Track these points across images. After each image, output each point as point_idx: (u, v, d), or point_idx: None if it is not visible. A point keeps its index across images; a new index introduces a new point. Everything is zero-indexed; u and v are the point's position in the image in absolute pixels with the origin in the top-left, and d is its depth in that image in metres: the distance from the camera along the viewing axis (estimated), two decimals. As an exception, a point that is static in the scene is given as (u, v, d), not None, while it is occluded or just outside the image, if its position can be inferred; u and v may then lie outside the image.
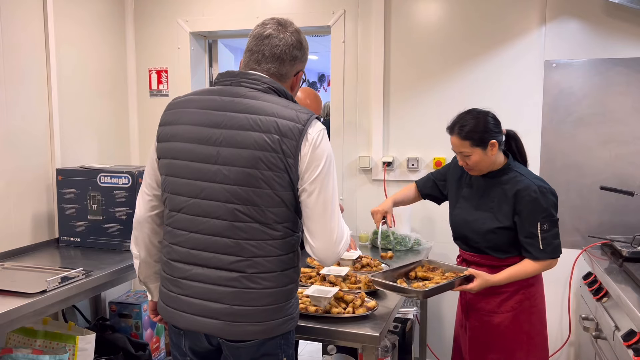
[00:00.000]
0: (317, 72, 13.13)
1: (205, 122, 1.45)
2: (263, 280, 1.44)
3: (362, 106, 3.22)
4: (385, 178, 3.17)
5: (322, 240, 1.45)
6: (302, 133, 1.40)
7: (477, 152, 2.01)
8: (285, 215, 1.45)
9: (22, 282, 2.10)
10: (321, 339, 1.77)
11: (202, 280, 1.46)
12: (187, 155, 1.47)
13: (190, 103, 1.52)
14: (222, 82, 1.52)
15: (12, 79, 2.59)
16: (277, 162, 1.39)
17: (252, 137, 1.40)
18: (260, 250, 1.43)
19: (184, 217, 1.48)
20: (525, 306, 2.09)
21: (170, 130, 1.51)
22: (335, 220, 1.45)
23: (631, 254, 2.36)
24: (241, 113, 1.43)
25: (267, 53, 1.50)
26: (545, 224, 1.97)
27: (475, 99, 2.96)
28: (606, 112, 2.80)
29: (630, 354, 1.77)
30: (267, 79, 1.49)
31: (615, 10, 2.75)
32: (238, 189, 1.41)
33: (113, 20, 3.35)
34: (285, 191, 1.42)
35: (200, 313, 1.46)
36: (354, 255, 2.40)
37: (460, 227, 2.17)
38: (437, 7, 3.04)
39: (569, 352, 2.99)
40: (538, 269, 2.00)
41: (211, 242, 1.44)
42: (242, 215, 1.41)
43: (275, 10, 3.25)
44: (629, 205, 2.77)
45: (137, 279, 1.72)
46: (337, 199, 1.47)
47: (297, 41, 1.53)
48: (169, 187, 1.52)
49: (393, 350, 2.46)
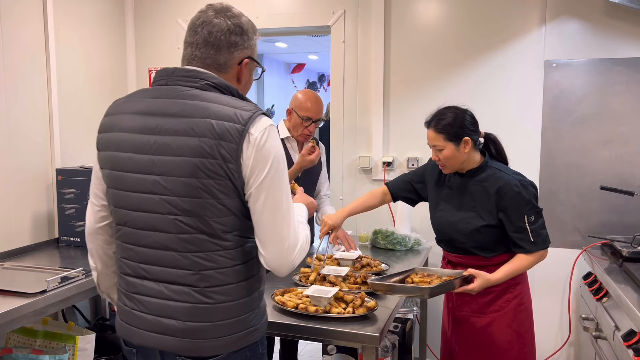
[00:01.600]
0: (317, 72, 13.14)
1: (140, 129, 1.32)
2: (216, 294, 1.32)
3: (362, 106, 3.22)
4: (385, 178, 3.17)
5: (273, 249, 1.32)
6: (243, 134, 1.26)
7: (449, 147, 2.01)
8: (233, 224, 1.32)
9: (22, 282, 2.10)
10: (321, 339, 1.77)
11: (154, 295, 1.35)
12: (124, 166, 1.35)
13: (125, 107, 1.39)
14: (157, 82, 1.39)
15: (12, 79, 2.59)
16: (217, 169, 1.26)
17: (187, 143, 1.26)
18: (211, 262, 1.31)
19: (129, 231, 1.37)
20: (514, 305, 2.09)
21: (107, 138, 1.39)
22: (286, 226, 1.32)
23: (631, 254, 2.35)
24: (175, 117, 1.29)
25: (201, 42, 1.36)
26: (531, 215, 1.97)
27: (476, 98, 2.96)
28: (606, 112, 2.80)
29: (630, 354, 1.77)
30: (205, 75, 1.34)
31: (615, 10, 2.75)
32: (178, 200, 1.29)
33: (113, 20, 3.35)
34: (230, 199, 1.30)
35: (154, 329, 1.35)
36: (354, 255, 2.40)
37: (444, 229, 2.15)
38: (437, 7, 3.04)
39: (569, 352, 2.99)
40: (532, 261, 2.00)
41: (159, 256, 1.33)
42: (186, 227, 1.29)
43: (275, 10, 3.25)
44: (629, 205, 2.77)
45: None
46: (288, 203, 1.34)
47: (236, 25, 1.38)
48: (112, 200, 1.41)
49: (393, 350, 2.46)
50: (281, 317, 1.78)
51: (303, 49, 9.87)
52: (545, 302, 2.96)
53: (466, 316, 2.14)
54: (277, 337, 2.63)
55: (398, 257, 2.67)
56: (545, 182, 2.92)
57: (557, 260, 2.91)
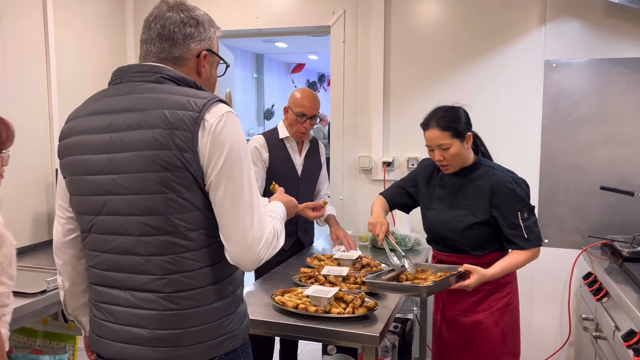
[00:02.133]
0: (317, 72, 13.15)
1: (95, 129, 1.28)
2: (183, 299, 1.25)
3: (362, 106, 3.22)
4: (385, 178, 3.17)
5: (236, 242, 1.24)
6: (198, 121, 1.20)
7: (456, 144, 2.01)
8: (198, 221, 1.25)
9: (22, 282, 2.10)
10: (321, 339, 1.77)
11: (121, 304, 1.29)
12: (82, 169, 1.30)
13: (81, 110, 1.35)
14: (112, 81, 1.35)
15: (12, 79, 2.59)
16: (173, 160, 1.20)
17: (140, 136, 1.21)
18: (175, 266, 1.24)
19: (94, 237, 1.31)
20: (503, 304, 2.10)
21: (66, 144, 1.34)
22: (249, 217, 1.24)
23: (631, 254, 2.35)
24: (128, 112, 1.24)
25: (155, 36, 1.32)
26: (524, 212, 1.99)
27: (476, 98, 2.96)
28: (606, 112, 2.81)
29: (631, 354, 1.77)
30: (159, 68, 1.29)
31: (615, 10, 2.75)
32: (137, 199, 1.23)
33: (113, 20, 3.35)
34: (191, 192, 1.23)
35: (123, 339, 1.29)
36: (354, 256, 2.40)
37: (436, 227, 2.16)
38: (437, 7, 3.04)
39: (569, 352, 2.99)
40: (527, 258, 2.00)
41: (122, 262, 1.27)
42: (148, 229, 1.23)
43: (275, 10, 3.25)
44: (629, 205, 2.77)
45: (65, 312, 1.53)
46: (251, 192, 1.26)
47: (189, 17, 1.33)
48: (75, 207, 1.35)
49: (393, 350, 2.46)
50: (281, 317, 1.78)
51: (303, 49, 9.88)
52: (545, 302, 2.96)
53: (456, 315, 2.15)
54: (277, 337, 2.64)
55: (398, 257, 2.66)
56: (545, 182, 2.92)
57: (557, 260, 2.91)
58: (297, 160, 2.75)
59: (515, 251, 2.01)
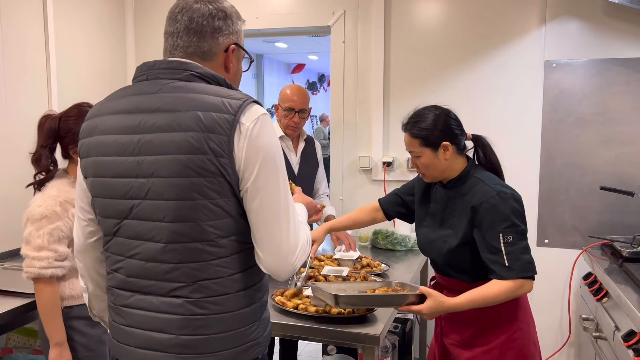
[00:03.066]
0: (317, 73, 13.15)
1: (122, 129, 1.21)
2: (212, 304, 1.21)
3: (362, 106, 3.22)
4: (386, 178, 3.17)
5: (271, 252, 1.20)
6: (234, 124, 1.15)
7: (426, 154, 1.78)
8: (229, 227, 1.20)
9: (22, 282, 2.10)
10: (321, 339, 1.77)
11: (144, 308, 1.24)
12: (107, 171, 1.24)
13: (105, 108, 1.28)
14: (138, 78, 1.27)
15: (12, 78, 2.59)
16: (207, 165, 1.14)
17: (172, 139, 1.15)
18: (204, 273, 1.19)
19: (119, 241, 1.26)
20: (501, 341, 1.77)
21: (88, 143, 1.29)
22: (284, 227, 1.20)
23: (631, 254, 2.35)
24: (158, 112, 1.18)
25: (182, 29, 1.25)
26: (508, 235, 1.65)
27: (476, 98, 2.96)
28: (606, 112, 2.81)
29: (631, 355, 1.76)
30: (189, 65, 1.23)
31: (615, 11, 2.75)
32: (167, 204, 1.17)
33: (113, 20, 3.35)
34: (224, 198, 1.17)
35: (144, 345, 1.24)
36: (353, 256, 2.40)
37: (425, 248, 1.92)
38: (437, 8, 3.04)
39: (569, 353, 2.99)
40: (506, 291, 1.63)
41: (147, 268, 1.22)
42: (177, 236, 1.18)
43: (275, 11, 3.25)
44: (629, 205, 2.77)
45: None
46: (287, 199, 1.22)
47: (218, 10, 1.26)
48: (98, 210, 1.30)
49: (393, 350, 2.46)
50: (281, 317, 1.78)
51: (303, 49, 9.88)
52: (545, 302, 2.96)
53: (452, 345, 1.88)
54: (277, 337, 2.63)
55: (398, 257, 2.67)
56: (545, 182, 2.92)
57: (557, 260, 2.91)
58: (294, 159, 2.76)
59: (494, 281, 1.65)
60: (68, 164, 1.95)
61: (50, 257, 1.78)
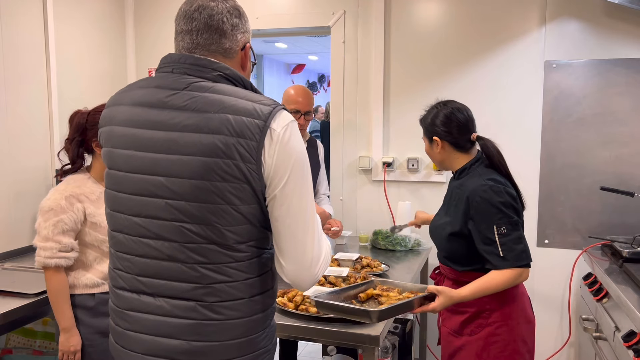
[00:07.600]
0: (317, 73, 13.15)
1: (142, 123, 1.18)
2: (227, 309, 1.17)
3: (362, 106, 3.22)
4: (386, 178, 3.17)
5: (295, 261, 1.18)
6: (264, 130, 1.12)
7: (426, 143, 1.98)
8: (249, 233, 1.17)
9: (22, 282, 2.10)
10: (321, 339, 1.77)
11: (152, 312, 1.19)
12: (123, 164, 1.20)
13: (124, 97, 1.24)
14: (162, 69, 1.24)
15: (12, 79, 2.59)
16: (233, 170, 1.11)
17: (199, 140, 1.12)
18: (222, 275, 1.16)
19: (126, 238, 1.22)
20: (485, 333, 1.82)
21: (106, 133, 1.25)
22: (309, 237, 1.18)
23: (631, 254, 2.35)
24: (184, 110, 1.14)
25: (202, 27, 1.21)
26: (502, 227, 1.72)
27: (476, 99, 2.96)
28: (606, 113, 2.80)
29: (631, 355, 1.77)
30: (217, 65, 1.20)
31: (615, 11, 2.75)
32: (187, 205, 1.14)
33: (113, 20, 3.35)
34: (247, 205, 1.15)
35: (150, 351, 1.20)
36: (354, 256, 2.40)
37: (432, 232, 2.01)
38: (437, 8, 3.04)
39: (569, 353, 2.99)
40: (505, 279, 1.71)
41: (161, 268, 1.18)
42: (194, 236, 1.14)
43: (275, 11, 3.25)
44: (629, 206, 2.76)
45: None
46: (313, 209, 1.20)
47: (234, 8, 1.25)
48: (108, 202, 1.26)
49: (393, 351, 2.46)
50: (282, 318, 1.78)
51: (303, 50, 9.87)
52: (546, 302, 2.96)
53: (446, 333, 1.96)
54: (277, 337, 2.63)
55: (398, 257, 2.66)
56: (545, 182, 2.92)
57: (557, 260, 2.91)
58: None
59: (494, 271, 1.74)
60: (92, 159, 2.04)
61: (54, 247, 1.86)
